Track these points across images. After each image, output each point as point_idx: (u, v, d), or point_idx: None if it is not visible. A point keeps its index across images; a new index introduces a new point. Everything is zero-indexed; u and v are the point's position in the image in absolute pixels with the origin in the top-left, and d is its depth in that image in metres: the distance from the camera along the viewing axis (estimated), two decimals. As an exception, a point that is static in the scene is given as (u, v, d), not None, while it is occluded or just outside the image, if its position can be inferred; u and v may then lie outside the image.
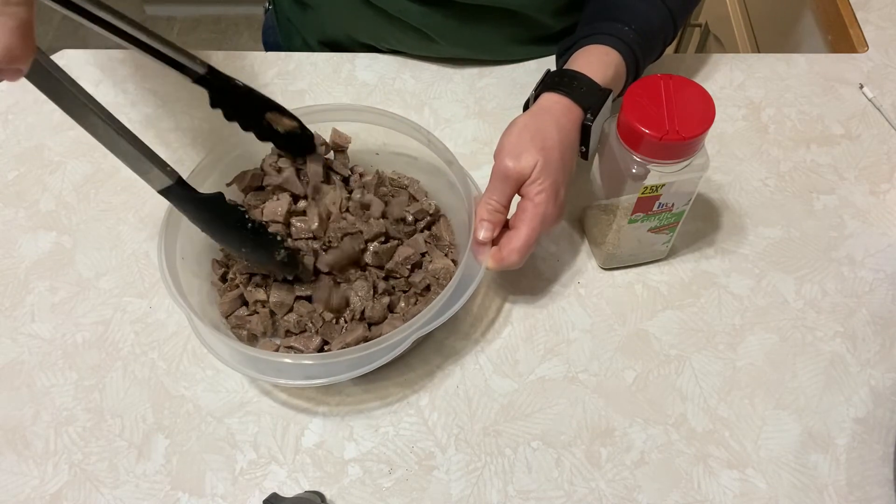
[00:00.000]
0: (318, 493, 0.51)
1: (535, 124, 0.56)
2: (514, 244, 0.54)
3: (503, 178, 0.54)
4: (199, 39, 2.10)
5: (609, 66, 0.59)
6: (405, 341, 0.51)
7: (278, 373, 0.52)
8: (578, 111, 0.57)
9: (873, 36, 0.79)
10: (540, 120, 0.56)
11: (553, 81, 0.58)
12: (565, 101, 0.57)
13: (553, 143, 0.55)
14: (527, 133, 0.55)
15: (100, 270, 0.63)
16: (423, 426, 0.55)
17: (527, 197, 0.55)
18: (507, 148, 0.55)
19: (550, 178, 0.54)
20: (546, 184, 0.54)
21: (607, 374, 0.57)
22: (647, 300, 0.61)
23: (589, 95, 0.57)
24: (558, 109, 0.56)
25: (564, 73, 0.58)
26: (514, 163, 0.54)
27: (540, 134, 0.55)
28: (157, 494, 0.52)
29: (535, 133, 0.55)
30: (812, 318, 0.60)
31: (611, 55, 0.59)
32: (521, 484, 0.53)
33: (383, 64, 0.77)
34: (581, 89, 0.57)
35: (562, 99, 0.57)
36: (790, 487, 0.52)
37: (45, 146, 0.71)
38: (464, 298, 0.53)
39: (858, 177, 0.68)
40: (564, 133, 0.56)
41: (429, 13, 0.70)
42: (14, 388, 0.57)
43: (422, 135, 0.59)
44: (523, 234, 0.54)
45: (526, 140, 0.54)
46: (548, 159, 0.54)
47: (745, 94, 0.74)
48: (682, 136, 0.49)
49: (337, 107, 0.62)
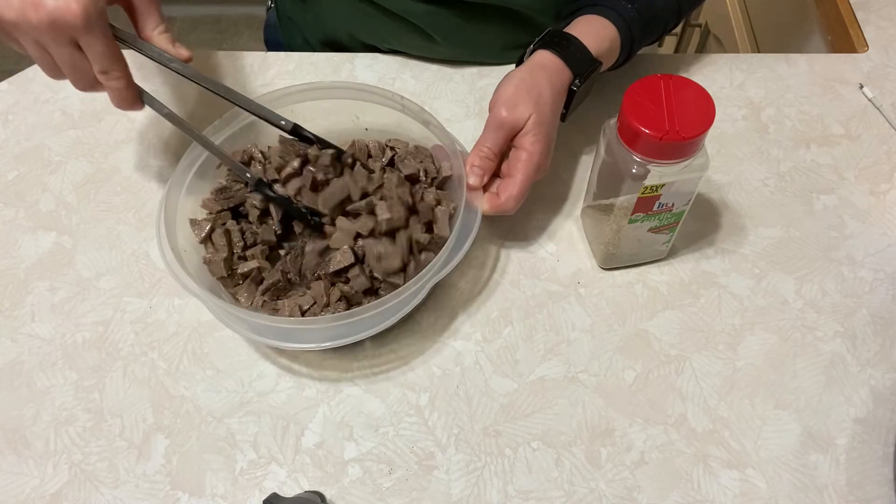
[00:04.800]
0: (318, 493, 0.51)
1: (531, 79, 0.58)
2: (512, 191, 0.57)
3: (497, 126, 0.57)
4: (199, 39, 2.10)
5: (605, 40, 0.62)
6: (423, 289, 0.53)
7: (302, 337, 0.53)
8: (568, 74, 0.60)
9: (873, 36, 0.79)
10: (535, 76, 0.59)
11: (552, 41, 0.61)
12: (559, 63, 0.60)
13: (546, 99, 0.58)
14: (523, 86, 0.58)
15: (100, 270, 0.63)
16: (423, 426, 0.55)
17: (521, 147, 0.58)
18: (503, 99, 0.58)
19: (544, 132, 0.58)
20: (540, 136, 0.57)
21: (607, 374, 0.57)
22: (647, 300, 0.61)
23: (581, 62, 0.60)
24: (552, 68, 0.59)
25: (563, 35, 0.61)
26: (509, 113, 0.57)
27: (535, 89, 0.58)
28: (157, 494, 0.52)
29: (530, 87, 0.58)
30: (812, 318, 0.60)
31: (608, 29, 0.62)
32: (521, 484, 0.53)
33: (383, 64, 0.77)
34: (575, 55, 0.60)
35: (556, 59, 0.60)
36: (790, 487, 0.52)
37: (45, 146, 0.71)
38: (470, 239, 0.55)
39: (858, 177, 0.68)
40: (555, 91, 0.59)
41: (432, 12, 0.71)
42: (14, 388, 0.57)
43: (395, 101, 0.61)
44: (519, 182, 0.57)
45: (522, 93, 0.58)
46: (541, 114, 0.57)
47: (745, 94, 0.74)
48: (682, 136, 0.49)
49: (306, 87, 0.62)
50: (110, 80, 0.52)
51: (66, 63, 0.50)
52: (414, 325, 0.60)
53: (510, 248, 0.64)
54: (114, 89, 0.52)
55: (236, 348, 0.59)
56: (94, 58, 0.50)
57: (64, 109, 0.73)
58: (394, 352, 0.58)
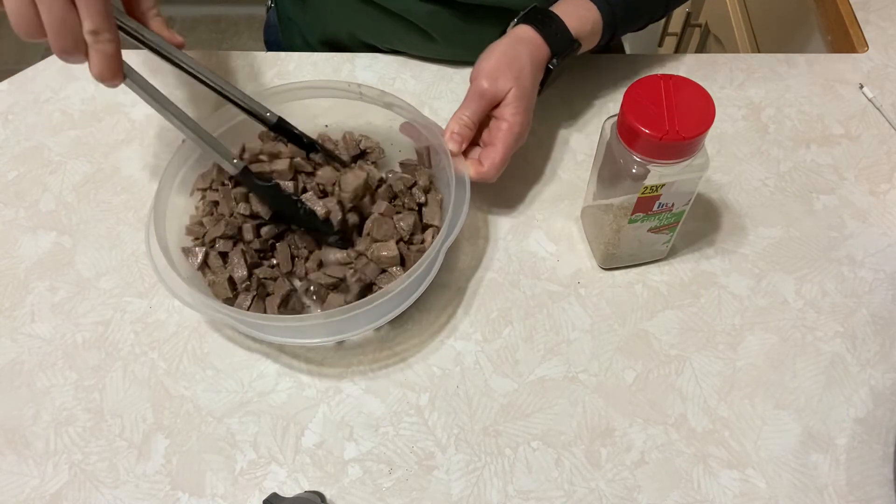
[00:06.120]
0: (318, 493, 0.51)
1: (512, 52, 0.60)
2: (494, 159, 0.59)
3: (478, 97, 0.59)
4: (199, 39, 2.10)
5: (587, 22, 0.63)
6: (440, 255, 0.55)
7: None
8: (547, 51, 0.62)
9: (873, 36, 0.79)
10: (517, 49, 0.60)
11: (535, 17, 0.62)
12: (539, 39, 0.61)
13: (527, 73, 0.60)
14: (504, 59, 0.60)
15: (100, 270, 0.63)
16: (423, 426, 0.55)
17: (502, 118, 0.60)
18: (485, 70, 0.59)
19: (524, 104, 0.60)
20: (521, 108, 0.59)
21: (607, 374, 0.57)
22: (647, 300, 0.61)
23: (561, 42, 0.62)
24: (533, 44, 0.61)
25: (546, 12, 0.63)
26: (490, 85, 0.59)
27: (517, 62, 0.60)
28: (157, 494, 0.52)
29: (512, 60, 0.60)
30: (812, 318, 0.60)
31: (592, 12, 0.64)
32: (521, 484, 0.53)
33: (383, 64, 0.77)
34: (555, 34, 0.62)
35: (537, 36, 0.61)
36: (790, 487, 0.52)
37: (45, 146, 0.71)
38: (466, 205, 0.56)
39: (858, 177, 0.68)
40: (535, 66, 0.61)
41: (432, 12, 0.71)
42: (14, 388, 0.57)
43: (352, 91, 0.62)
44: (500, 150, 0.59)
45: (504, 66, 0.59)
46: (522, 87, 0.59)
47: (745, 94, 0.74)
48: (681, 136, 0.49)
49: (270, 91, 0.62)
50: (100, 43, 0.47)
51: (55, 18, 0.45)
52: (413, 325, 0.60)
53: (510, 247, 0.64)
54: (102, 53, 0.47)
55: (236, 348, 0.59)
56: (88, 15, 0.46)
57: (64, 109, 0.73)
58: (394, 352, 0.58)
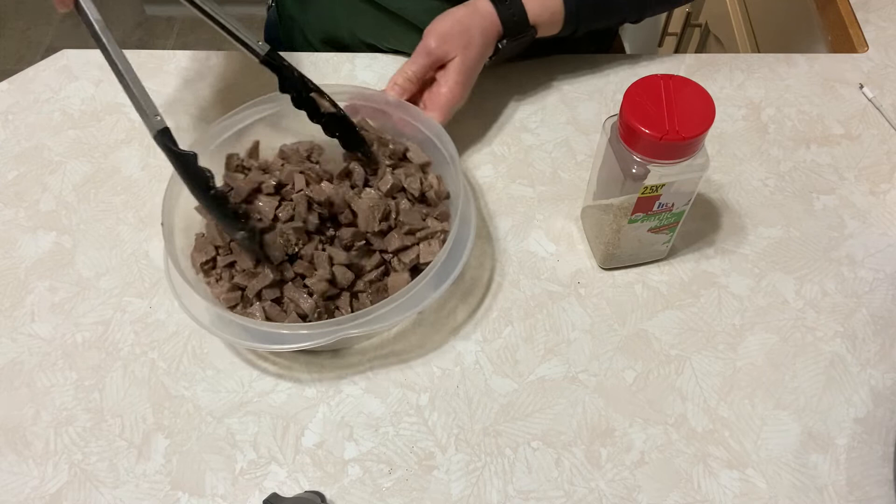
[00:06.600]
0: (318, 493, 0.51)
1: (468, 21, 0.62)
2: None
3: (424, 54, 0.62)
4: (199, 39, 2.10)
5: (546, 10, 0.65)
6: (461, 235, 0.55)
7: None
8: (500, 30, 0.64)
9: (873, 36, 0.79)
10: (472, 21, 0.63)
11: None
12: (495, 17, 0.63)
13: (475, 44, 0.62)
14: (458, 27, 0.62)
15: (100, 270, 0.63)
16: (423, 426, 0.55)
17: (443, 84, 0.62)
18: (437, 31, 0.62)
19: (465, 77, 0.62)
20: (461, 78, 0.62)
21: (607, 374, 0.57)
22: (647, 300, 0.61)
23: (515, 24, 0.64)
24: (488, 20, 0.63)
25: None
26: (437, 46, 0.62)
27: (468, 33, 0.62)
28: (157, 494, 0.52)
29: (463, 30, 0.62)
30: (812, 318, 0.60)
31: (555, 1, 0.65)
32: (521, 484, 0.53)
33: (383, 64, 0.77)
34: (512, 17, 0.63)
35: (493, 13, 0.63)
36: (790, 487, 0.52)
37: (45, 146, 0.71)
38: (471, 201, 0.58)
39: (858, 177, 0.68)
40: (486, 40, 0.63)
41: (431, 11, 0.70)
42: (14, 388, 0.57)
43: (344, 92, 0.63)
44: (437, 118, 0.62)
45: (455, 33, 0.62)
46: (467, 58, 0.62)
47: (745, 94, 0.74)
48: (682, 136, 0.49)
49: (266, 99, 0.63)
50: None
51: None
52: (414, 325, 0.60)
53: (510, 248, 0.64)
54: None
55: (236, 348, 0.59)
56: None
57: (64, 109, 0.73)
58: (394, 352, 0.58)
